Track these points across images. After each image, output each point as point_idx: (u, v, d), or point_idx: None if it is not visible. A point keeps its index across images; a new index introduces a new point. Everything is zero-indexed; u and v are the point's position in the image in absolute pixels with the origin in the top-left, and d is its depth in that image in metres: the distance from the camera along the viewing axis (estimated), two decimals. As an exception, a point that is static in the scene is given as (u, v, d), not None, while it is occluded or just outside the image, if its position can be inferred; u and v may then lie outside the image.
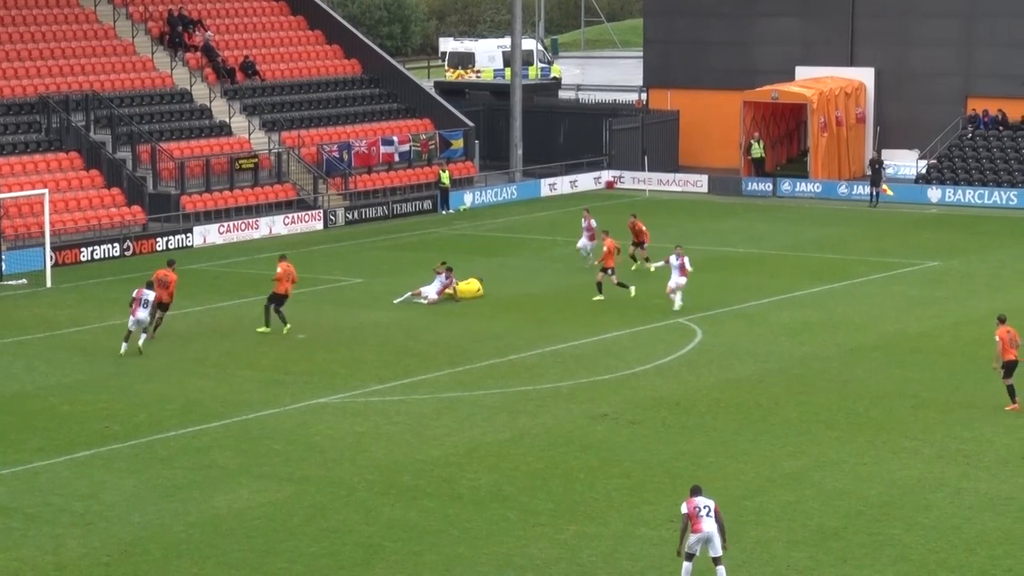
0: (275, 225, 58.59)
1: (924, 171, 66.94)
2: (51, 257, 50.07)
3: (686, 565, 23.49)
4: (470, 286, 45.22)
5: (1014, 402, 33.47)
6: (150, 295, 39.12)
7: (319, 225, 59.92)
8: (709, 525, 23.43)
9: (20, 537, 26.37)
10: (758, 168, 69.39)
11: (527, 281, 45.95)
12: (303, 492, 28.59)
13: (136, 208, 57.19)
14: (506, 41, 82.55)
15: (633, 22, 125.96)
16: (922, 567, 24.75)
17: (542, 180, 68.67)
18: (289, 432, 32.40)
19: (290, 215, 59.47)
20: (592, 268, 46.22)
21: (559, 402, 34.53)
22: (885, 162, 66.10)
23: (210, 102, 63.95)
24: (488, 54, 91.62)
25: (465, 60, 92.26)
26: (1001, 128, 67.90)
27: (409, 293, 44.66)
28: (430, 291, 44.48)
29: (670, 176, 69.78)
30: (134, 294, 39.13)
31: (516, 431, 32.38)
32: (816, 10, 72.09)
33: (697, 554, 23.63)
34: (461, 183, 66.52)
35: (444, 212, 63.49)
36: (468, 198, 65.13)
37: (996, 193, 63.80)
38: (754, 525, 26.59)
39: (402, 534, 26.37)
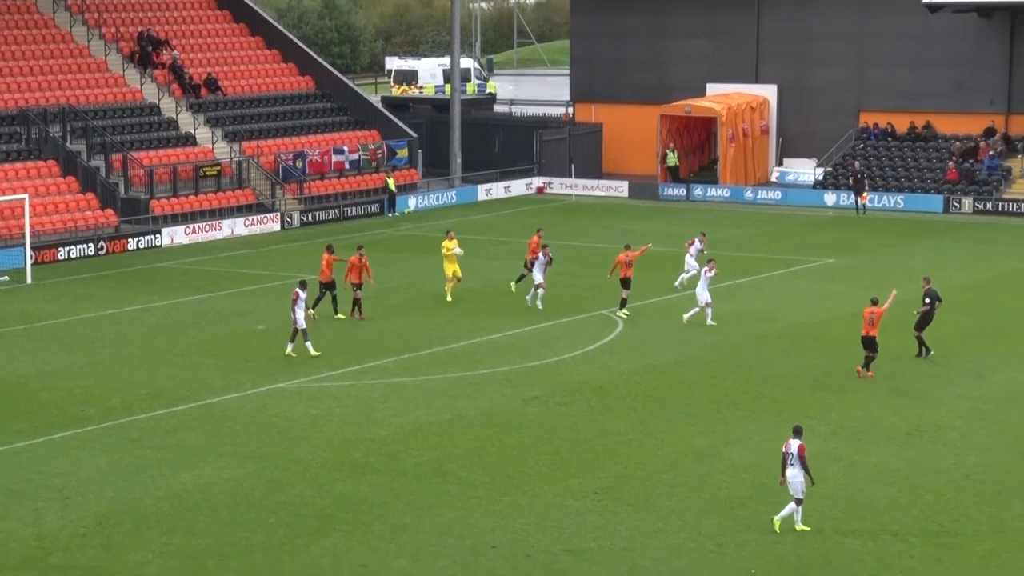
0: (236, 227, 58.32)
1: (821, 178, 67.40)
2: (31, 256, 49.68)
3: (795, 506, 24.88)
4: (451, 244, 44.03)
5: (868, 371, 34.83)
6: (303, 295, 37.00)
7: (276, 227, 59.69)
8: (789, 473, 24.73)
9: (3, 511, 26.18)
10: (673, 175, 69.68)
11: (466, 277, 45.80)
12: (263, 469, 28.51)
13: (109, 211, 56.79)
14: (446, 60, 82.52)
15: (561, 43, 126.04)
16: (819, 532, 24.98)
17: (479, 186, 68.68)
18: (250, 414, 32.30)
19: (250, 218, 59.21)
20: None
21: (494, 386, 34.58)
22: (788, 170, 66.51)
23: (176, 115, 63.56)
24: (430, 72, 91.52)
25: (409, 77, 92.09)
26: (890, 139, 68.51)
27: (535, 291, 42.27)
28: (539, 275, 42.25)
29: (594, 182, 69.95)
30: (292, 296, 37.24)
31: (455, 413, 32.41)
32: (725, 32, 72.50)
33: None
34: (406, 189, 66.45)
35: (390, 215, 63.39)
36: (412, 202, 65.06)
37: (885, 197, 64.30)
38: (669, 496, 26.75)
39: (353, 506, 26.36)
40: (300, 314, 36.92)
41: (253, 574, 23.53)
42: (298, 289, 37.18)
